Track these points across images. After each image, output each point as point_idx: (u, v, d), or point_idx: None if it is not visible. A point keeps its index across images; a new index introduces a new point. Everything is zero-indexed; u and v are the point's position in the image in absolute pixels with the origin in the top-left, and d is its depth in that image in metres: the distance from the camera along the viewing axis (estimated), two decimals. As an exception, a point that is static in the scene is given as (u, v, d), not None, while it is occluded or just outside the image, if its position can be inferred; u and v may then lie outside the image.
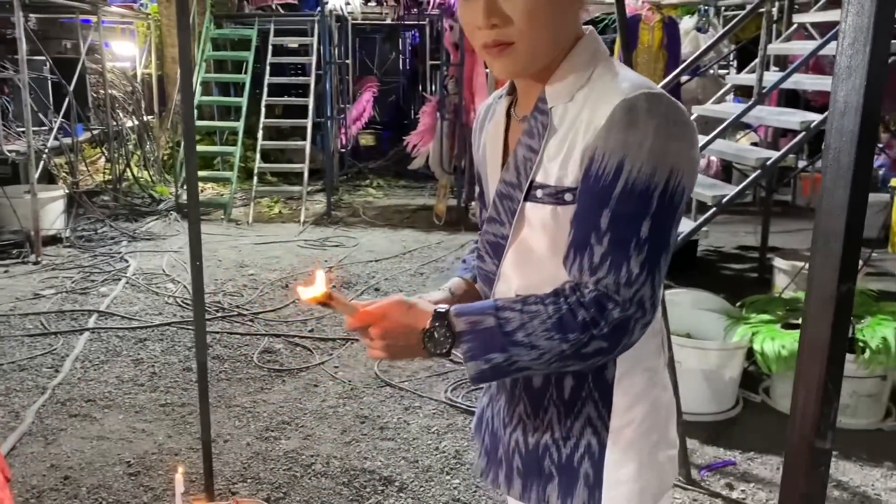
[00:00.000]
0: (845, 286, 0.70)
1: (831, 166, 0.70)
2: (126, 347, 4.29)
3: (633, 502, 1.18)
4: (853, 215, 0.69)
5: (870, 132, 0.68)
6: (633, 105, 1.04)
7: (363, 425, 3.42)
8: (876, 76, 0.67)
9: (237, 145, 8.16)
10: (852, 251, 0.69)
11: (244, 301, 5.11)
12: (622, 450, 1.18)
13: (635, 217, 1.03)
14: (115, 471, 3.03)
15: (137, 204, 7.93)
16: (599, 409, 1.17)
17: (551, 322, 1.04)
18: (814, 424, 0.73)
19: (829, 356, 0.71)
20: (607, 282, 1.04)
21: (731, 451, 3.22)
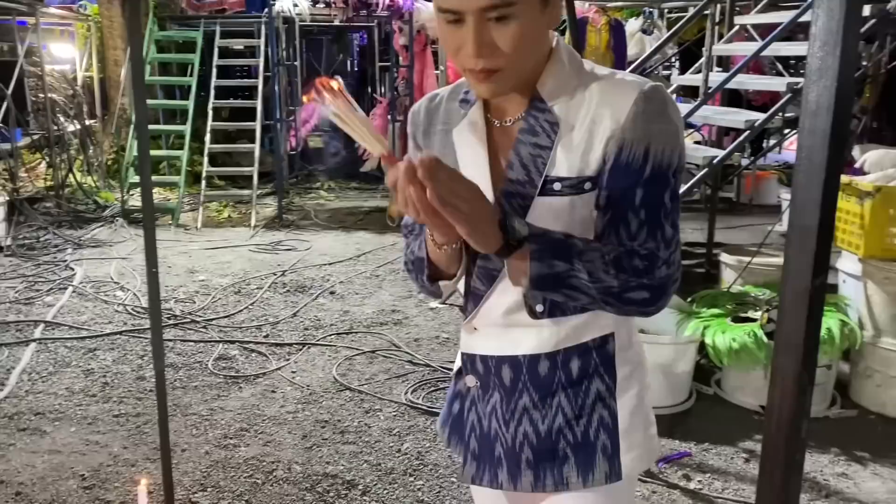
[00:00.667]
0: (819, 280, 0.73)
1: (804, 164, 0.73)
2: (75, 358, 4.18)
3: (643, 465, 1.29)
4: (826, 211, 0.72)
5: (841, 131, 0.71)
6: (651, 96, 1.15)
7: (324, 430, 3.40)
8: (846, 77, 0.70)
9: (184, 149, 8.01)
10: (825, 246, 0.73)
11: (196, 308, 5.03)
12: (630, 416, 1.27)
13: (662, 192, 1.16)
14: (69, 485, 2.95)
15: (81, 210, 7.72)
16: (606, 382, 1.26)
17: (609, 258, 1.13)
18: (790, 414, 0.76)
19: (804, 348, 0.74)
20: (650, 245, 1.16)
21: (686, 443, 3.29)
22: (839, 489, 2.98)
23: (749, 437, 3.36)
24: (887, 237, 3.53)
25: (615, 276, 1.12)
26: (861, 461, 3.19)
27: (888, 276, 3.53)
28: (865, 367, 3.65)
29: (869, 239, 3.55)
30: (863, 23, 3.98)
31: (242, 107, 8.70)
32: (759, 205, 8.41)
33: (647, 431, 1.30)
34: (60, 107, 8.23)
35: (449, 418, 1.41)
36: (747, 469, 3.11)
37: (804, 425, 0.76)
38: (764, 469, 0.79)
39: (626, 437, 1.26)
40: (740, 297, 3.99)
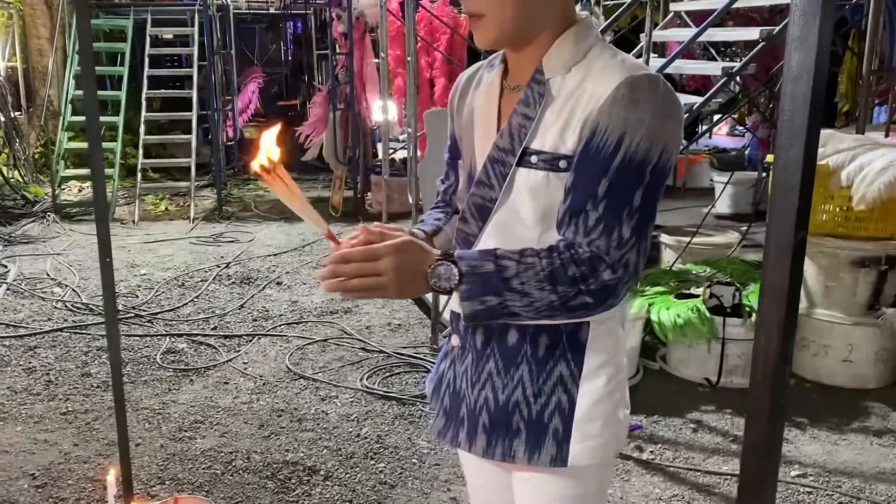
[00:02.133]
0: (800, 234, 0.79)
1: (786, 127, 0.78)
2: (15, 357, 4.05)
3: (597, 456, 1.26)
4: (806, 171, 0.77)
5: (820, 95, 0.77)
6: (636, 84, 1.12)
7: (280, 418, 3.38)
8: (825, 44, 0.75)
9: (117, 141, 7.79)
10: (806, 203, 0.78)
11: (140, 302, 4.92)
12: (590, 407, 1.25)
13: (630, 187, 1.12)
14: (20, 484, 2.87)
15: (10, 206, 7.43)
16: (571, 368, 1.24)
17: (544, 274, 1.12)
18: (776, 360, 0.82)
19: (788, 297, 0.80)
20: (600, 243, 1.12)
21: (637, 416, 3.40)
22: (782, 453, 3.12)
23: (695, 408, 3.50)
24: (818, 213, 3.70)
25: (552, 290, 1.12)
26: (800, 426, 3.35)
27: (820, 251, 3.71)
28: (801, 337, 3.83)
29: (802, 215, 3.72)
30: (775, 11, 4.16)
31: (176, 97, 8.50)
32: (692, 188, 8.67)
33: (607, 425, 1.26)
34: (-17, 99, 7.89)
35: (436, 375, 1.44)
36: (695, 438, 3.24)
37: (788, 371, 0.82)
38: (751, 414, 0.85)
39: (580, 427, 1.24)
40: (682, 274, 4.13)
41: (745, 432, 0.86)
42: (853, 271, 3.64)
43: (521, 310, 1.13)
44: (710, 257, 4.50)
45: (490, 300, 1.12)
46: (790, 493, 2.85)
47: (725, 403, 3.53)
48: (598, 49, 1.21)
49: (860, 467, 3.02)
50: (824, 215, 3.70)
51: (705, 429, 3.33)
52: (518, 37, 1.21)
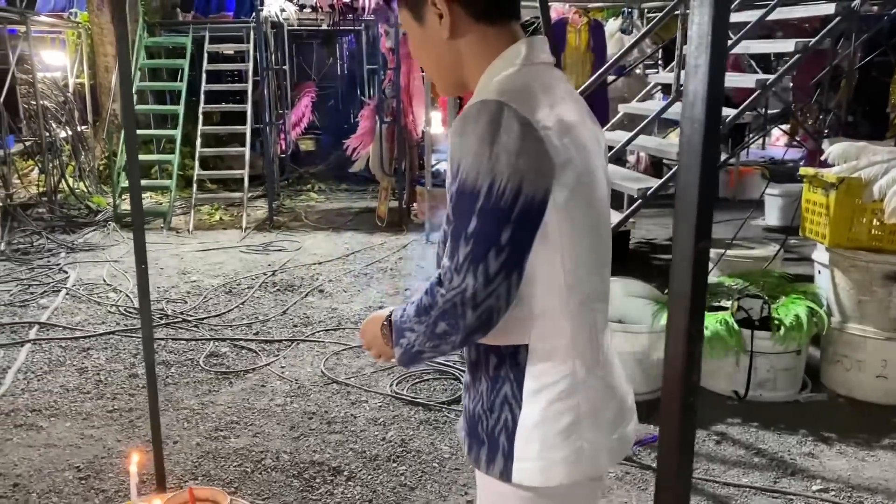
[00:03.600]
0: (701, 244, 0.86)
1: (686, 147, 0.85)
2: (70, 357, 4.29)
3: (536, 479, 1.29)
4: (704, 187, 0.84)
5: (714, 118, 0.84)
6: (466, 114, 1.20)
7: (311, 421, 3.51)
8: (717, 71, 0.83)
9: (175, 153, 8.12)
10: (705, 216, 0.85)
11: (188, 307, 5.14)
12: (529, 429, 1.30)
13: (465, 214, 1.19)
14: (65, 476, 3.07)
15: (74, 215, 7.82)
16: (514, 389, 1.31)
17: (416, 307, 1.26)
18: (684, 362, 0.88)
19: (692, 303, 0.87)
20: (445, 267, 1.21)
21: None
22: (805, 467, 3.11)
23: (721, 420, 3.49)
24: (851, 226, 3.66)
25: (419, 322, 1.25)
26: (828, 441, 3.32)
27: (853, 264, 3.66)
28: (834, 352, 3.79)
29: (834, 228, 3.68)
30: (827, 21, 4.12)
31: (232, 111, 8.82)
32: (742, 200, 8.55)
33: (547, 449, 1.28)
34: (52, 113, 8.33)
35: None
36: (717, 450, 3.24)
37: (696, 371, 0.89)
38: (664, 411, 0.92)
39: (520, 447, 1.29)
40: (714, 287, 4.12)
41: (660, 431, 0.93)
42: (886, 285, 3.58)
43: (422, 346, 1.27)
44: (748, 270, 4.47)
45: (403, 341, 1.28)
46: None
47: (752, 417, 3.52)
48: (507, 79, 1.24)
49: (885, 484, 2.99)
50: (857, 228, 3.65)
51: (728, 441, 3.32)
52: (454, 84, 1.36)
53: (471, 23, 1.29)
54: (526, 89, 1.22)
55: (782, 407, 3.62)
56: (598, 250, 1.32)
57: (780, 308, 3.69)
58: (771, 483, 3.00)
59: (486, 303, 1.18)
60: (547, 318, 1.28)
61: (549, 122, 1.19)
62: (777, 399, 3.67)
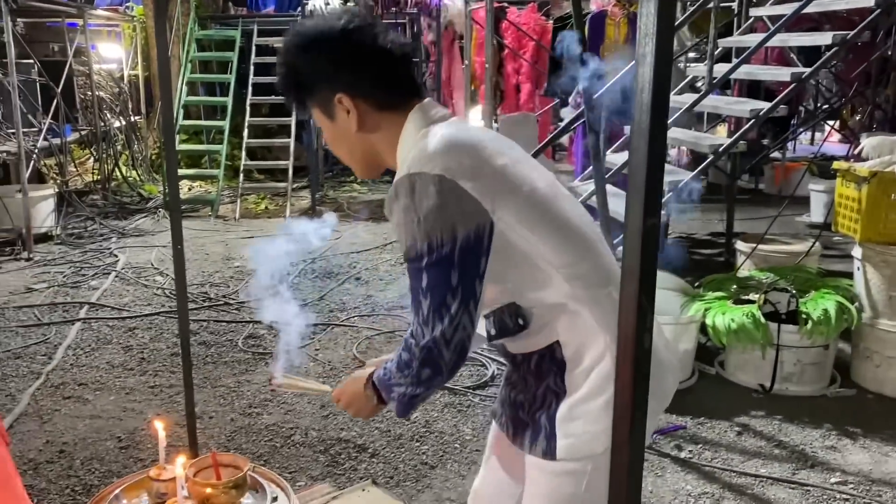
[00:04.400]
0: (650, 221, 0.93)
1: (636, 130, 0.92)
2: (116, 336, 4.50)
3: (581, 452, 1.43)
4: (652, 167, 0.91)
5: (660, 103, 0.90)
6: (389, 197, 1.36)
7: (340, 401, 3.64)
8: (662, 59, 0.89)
9: (223, 144, 8.36)
10: (653, 194, 0.92)
11: (230, 291, 5.33)
12: (570, 408, 1.43)
13: (417, 274, 1.33)
14: (107, 445, 3.25)
15: (126, 202, 8.12)
16: (556, 380, 1.44)
17: (396, 364, 1.40)
18: (634, 331, 0.95)
19: (641, 275, 0.94)
20: (414, 325, 1.36)
21: (682, 418, 3.45)
22: (825, 460, 3.11)
23: (745, 412, 3.51)
24: (883, 221, 3.63)
25: (404, 375, 1.38)
26: (852, 436, 3.31)
27: (884, 259, 3.63)
28: (864, 347, 3.76)
29: (865, 223, 3.65)
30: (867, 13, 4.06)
31: (279, 103, 9.01)
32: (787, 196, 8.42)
33: (589, 423, 1.41)
34: (107, 104, 8.65)
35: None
36: (738, 441, 3.26)
37: (646, 339, 0.96)
38: (617, 380, 0.99)
39: (562, 426, 1.43)
40: (745, 281, 4.12)
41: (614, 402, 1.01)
42: (918, 281, 3.55)
43: (415, 392, 1.39)
44: (783, 265, 4.45)
45: (393, 395, 1.42)
46: (826, 498, 2.85)
47: (776, 410, 3.52)
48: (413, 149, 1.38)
49: (907, 479, 2.98)
50: (889, 223, 3.62)
51: (750, 433, 3.34)
52: (377, 166, 1.51)
53: (375, 113, 1.43)
54: (431, 151, 1.34)
55: (808, 401, 3.61)
56: (574, 240, 1.42)
57: (808, 302, 3.68)
58: (789, 474, 3.01)
59: (455, 337, 1.33)
60: (564, 313, 1.41)
61: (459, 168, 1.32)
62: (803, 393, 3.66)
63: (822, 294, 3.75)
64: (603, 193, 3.08)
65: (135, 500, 2.08)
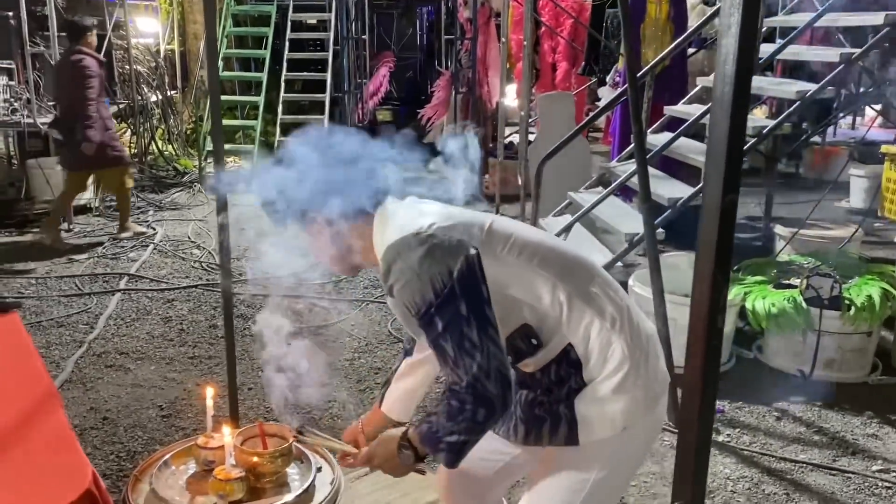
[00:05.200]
0: (728, 197, 0.92)
1: (718, 103, 0.90)
2: (155, 307, 4.57)
3: (604, 432, 1.53)
4: (733, 141, 0.89)
5: (744, 76, 0.89)
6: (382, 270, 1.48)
7: (377, 375, 3.67)
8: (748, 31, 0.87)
9: (258, 119, 8.39)
10: (734, 169, 0.90)
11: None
12: (588, 396, 1.53)
13: (430, 323, 1.42)
14: (149, 413, 3.31)
15: (163, 176, 8.20)
16: (575, 378, 1.54)
17: (446, 417, 1.44)
18: (708, 307, 0.94)
19: (717, 251, 0.93)
20: (448, 373, 1.43)
21: (720, 401, 3.42)
22: (866, 448, 3.08)
23: (783, 397, 3.47)
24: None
25: (457, 422, 1.42)
26: (894, 424, 3.27)
27: (933, 246, 3.56)
28: (909, 335, 3.69)
29: (914, 208, 3.58)
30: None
31: (313, 79, 9.03)
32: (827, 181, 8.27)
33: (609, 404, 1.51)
34: (144, 78, 8.70)
35: None
36: (777, 426, 3.24)
37: (720, 317, 0.95)
38: (688, 354, 0.98)
39: (583, 411, 1.52)
40: (785, 265, 4.07)
41: (684, 375, 1.00)
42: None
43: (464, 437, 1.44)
44: (822, 249, 4.38)
45: (441, 447, 1.46)
46: (868, 486, 2.82)
47: (816, 396, 3.48)
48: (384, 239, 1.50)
49: (951, 469, 2.93)
50: (938, 209, 3.54)
51: (789, 418, 3.31)
52: (353, 262, 1.62)
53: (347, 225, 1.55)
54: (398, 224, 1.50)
55: (849, 388, 3.57)
56: (557, 252, 1.57)
57: (851, 288, 3.62)
58: (830, 461, 2.98)
59: (491, 365, 1.39)
60: (568, 316, 1.51)
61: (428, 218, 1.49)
62: (844, 380, 3.61)
63: (867, 280, 3.69)
64: (645, 175, 3.05)
65: (182, 466, 2.12)
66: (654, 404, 1.57)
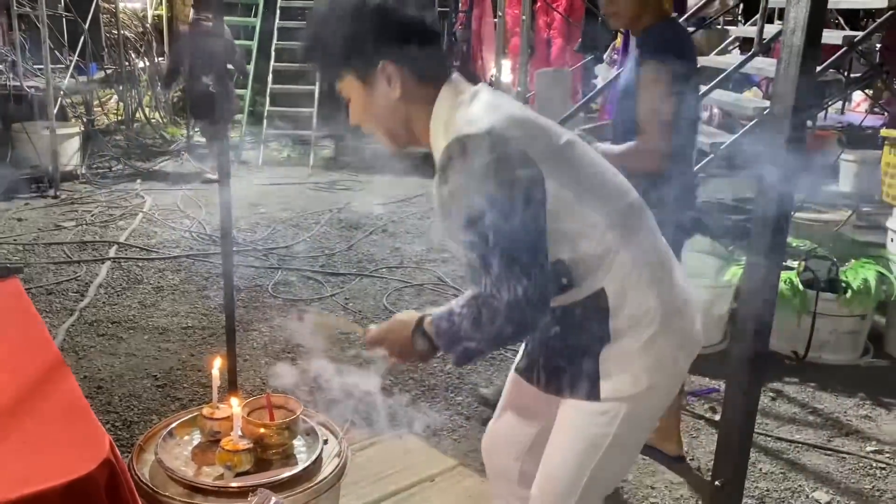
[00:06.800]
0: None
1: (783, 75, 0.88)
2: (146, 276, 4.51)
3: (625, 391, 1.48)
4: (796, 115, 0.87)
5: (813, 47, 0.86)
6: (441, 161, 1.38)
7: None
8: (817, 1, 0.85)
9: (247, 89, 8.26)
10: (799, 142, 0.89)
11: (258, 237, 5.32)
12: (613, 351, 1.48)
13: (481, 232, 1.32)
14: (144, 383, 3.27)
15: (150, 144, 8.07)
16: (601, 327, 1.48)
17: (471, 321, 1.39)
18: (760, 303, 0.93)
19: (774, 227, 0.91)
20: (487, 285, 1.35)
21: (716, 381, 3.45)
22: (860, 429, 3.11)
23: (778, 378, 3.50)
24: (932, 192, 3.57)
25: (481, 331, 1.37)
26: (887, 406, 3.30)
27: (930, 231, 3.58)
28: (901, 318, 3.73)
29: (913, 193, 3.59)
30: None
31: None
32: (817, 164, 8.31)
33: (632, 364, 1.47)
34: (132, 44, 8.55)
35: None
36: (772, 406, 3.26)
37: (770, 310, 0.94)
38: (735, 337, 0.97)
39: (606, 368, 1.48)
40: (781, 247, 4.08)
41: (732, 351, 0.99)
42: (963, 254, 3.50)
43: (483, 345, 1.41)
44: (816, 232, 4.41)
45: (459, 348, 1.43)
46: (862, 467, 2.85)
47: (809, 377, 3.51)
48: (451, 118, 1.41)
49: (943, 451, 2.97)
50: (937, 194, 3.56)
51: (784, 399, 3.34)
52: (408, 138, 1.51)
53: (415, 85, 1.45)
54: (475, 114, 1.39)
55: (842, 370, 3.60)
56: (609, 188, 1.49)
57: (848, 271, 3.64)
58: (824, 441, 3.01)
59: (536, 292, 1.33)
60: (605, 261, 1.44)
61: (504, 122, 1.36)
62: (837, 362, 3.65)
63: (863, 263, 3.71)
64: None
65: (186, 437, 2.09)
66: (679, 364, 1.54)
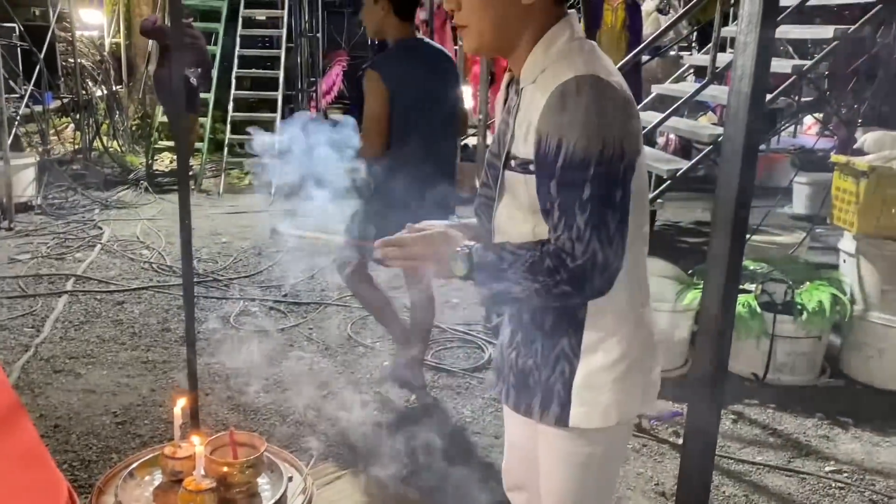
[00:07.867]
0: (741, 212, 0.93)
1: (732, 119, 0.91)
2: (105, 309, 4.43)
3: (594, 422, 1.42)
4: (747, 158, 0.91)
5: (759, 92, 0.90)
6: (564, 90, 1.24)
7: (337, 381, 3.62)
8: (764, 48, 0.89)
9: (207, 117, 8.21)
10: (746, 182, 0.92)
11: (219, 267, 5.26)
12: (586, 377, 1.41)
13: (576, 184, 1.24)
14: (103, 420, 3.20)
15: (108, 173, 7.96)
16: (572, 343, 1.41)
17: (527, 265, 1.29)
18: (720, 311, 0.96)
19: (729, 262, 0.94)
20: (563, 238, 1.27)
21: (679, 405, 3.48)
22: (819, 449, 3.17)
23: (739, 401, 3.55)
24: (880, 215, 3.67)
25: (534, 279, 1.28)
26: (843, 426, 3.37)
27: (880, 253, 3.68)
28: (855, 340, 3.82)
29: (862, 216, 3.70)
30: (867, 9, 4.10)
31: (265, 76, 8.89)
32: (770, 187, 8.51)
33: (604, 393, 1.40)
34: (88, 72, 8.46)
35: (497, 341, 1.67)
36: (734, 429, 3.31)
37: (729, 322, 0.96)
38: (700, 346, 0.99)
39: (579, 393, 1.41)
40: (739, 270, 4.16)
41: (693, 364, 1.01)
42: (912, 276, 3.61)
43: (521, 294, 1.31)
44: (772, 256, 4.50)
45: (495, 286, 1.33)
46: (822, 487, 2.90)
47: (769, 399, 3.57)
48: (562, 53, 1.31)
49: (898, 469, 3.04)
50: (886, 218, 3.66)
51: (745, 421, 3.39)
52: (499, 46, 1.37)
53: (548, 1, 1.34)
54: (604, 63, 1.30)
55: (800, 391, 3.67)
56: (645, 217, 1.40)
57: (803, 293, 3.72)
58: (785, 462, 3.06)
59: (612, 266, 1.26)
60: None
61: (627, 90, 1.29)
62: (795, 383, 3.72)
63: (817, 286, 3.79)
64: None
65: (147, 477, 2.05)
66: (646, 404, 1.49)
